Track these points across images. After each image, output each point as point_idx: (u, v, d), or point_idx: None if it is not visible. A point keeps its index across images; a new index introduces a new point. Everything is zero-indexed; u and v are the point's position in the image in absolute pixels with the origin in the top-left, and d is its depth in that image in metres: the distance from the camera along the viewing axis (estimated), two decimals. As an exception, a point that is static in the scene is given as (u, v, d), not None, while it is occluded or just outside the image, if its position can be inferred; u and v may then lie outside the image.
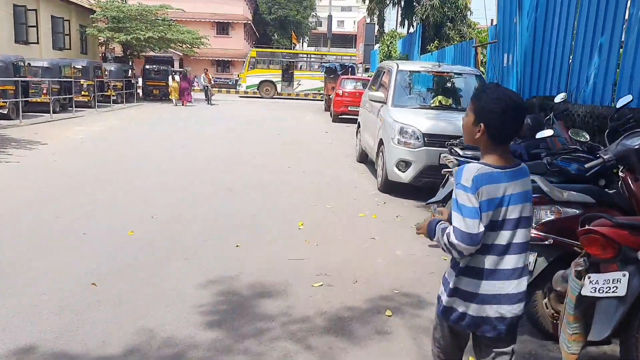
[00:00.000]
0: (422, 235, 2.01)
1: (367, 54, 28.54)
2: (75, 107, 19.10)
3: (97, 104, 20.59)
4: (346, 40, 59.74)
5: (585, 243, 2.40)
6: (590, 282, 2.36)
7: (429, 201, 4.94)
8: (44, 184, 6.65)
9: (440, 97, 7.31)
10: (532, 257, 2.91)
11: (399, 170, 6.53)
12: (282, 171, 8.07)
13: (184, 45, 28.19)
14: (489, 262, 1.84)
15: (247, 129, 14.10)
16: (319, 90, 28.83)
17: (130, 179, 7.14)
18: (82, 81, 20.11)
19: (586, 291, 2.36)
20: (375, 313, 3.37)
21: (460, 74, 7.77)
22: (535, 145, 4.31)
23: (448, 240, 1.79)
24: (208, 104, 23.07)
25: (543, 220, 3.07)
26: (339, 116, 17.76)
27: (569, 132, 4.10)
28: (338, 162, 9.29)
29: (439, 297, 2.00)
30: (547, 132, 4.02)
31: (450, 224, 1.82)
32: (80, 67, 20.56)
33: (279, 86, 30.61)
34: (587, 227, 2.43)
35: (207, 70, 26.00)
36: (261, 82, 30.21)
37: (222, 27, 45.10)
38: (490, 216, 1.79)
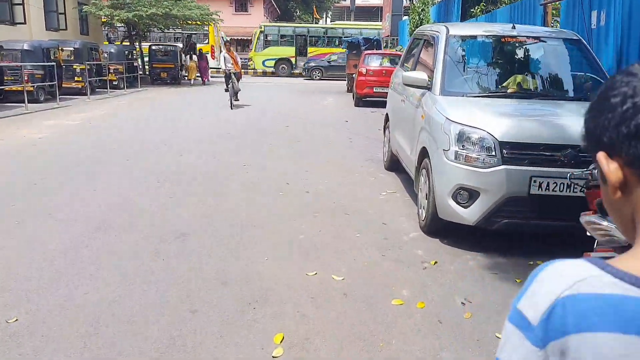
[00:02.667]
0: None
1: (394, 26, 25.45)
2: (68, 95, 17.02)
3: (93, 90, 18.42)
4: (371, 13, 56.07)
5: None
6: None
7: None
8: None
9: (518, 78, 4.58)
10: None
11: (459, 203, 3.91)
12: (277, 192, 5.54)
13: (192, 23, 25.67)
14: None
15: (248, 120, 11.54)
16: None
17: (54, 205, 4.74)
18: (74, 65, 17.94)
19: None
20: None
21: (549, 38, 4.99)
22: None
23: None
24: (230, 105, 13.04)
25: None
26: (363, 99, 15.03)
27: None
28: (359, 172, 6.66)
29: None
30: None
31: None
32: (71, 49, 18.35)
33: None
34: None
35: (229, 45, 16.25)
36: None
37: (241, 3, 42.60)
38: None
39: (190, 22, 25.58)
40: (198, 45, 27.53)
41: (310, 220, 4.64)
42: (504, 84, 4.62)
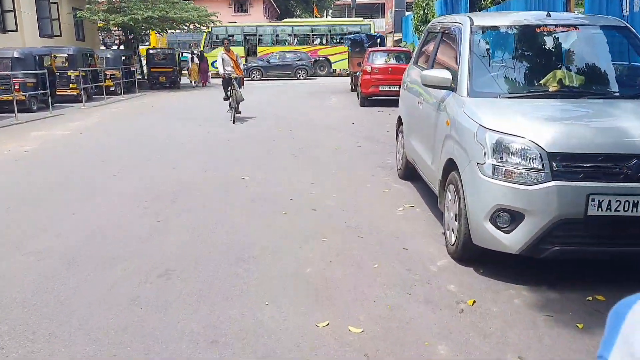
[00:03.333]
0: None
1: (397, 22, 24.74)
2: (63, 103, 16.44)
3: (89, 97, 17.84)
4: (373, 10, 55.29)
5: None
6: None
7: None
8: None
9: (559, 74, 3.88)
10: None
11: (499, 228, 3.23)
12: (279, 211, 4.87)
13: (190, 25, 25.05)
14: None
15: (248, 125, 10.88)
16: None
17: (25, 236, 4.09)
18: (69, 72, 17.35)
19: None
20: None
21: (590, 26, 4.28)
22: None
23: None
24: (232, 119, 10.80)
25: None
26: (368, 98, 14.35)
27: None
28: (371, 182, 5.98)
29: None
30: None
31: None
32: (65, 55, 17.76)
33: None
34: None
35: (227, 43, 12.49)
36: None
37: (240, 4, 42.11)
38: None
39: (188, 25, 24.96)
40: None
41: (318, 246, 3.96)
42: (542, 81, 3.92)
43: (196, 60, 24.97)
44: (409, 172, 5.85)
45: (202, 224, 4.45)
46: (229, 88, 11.31)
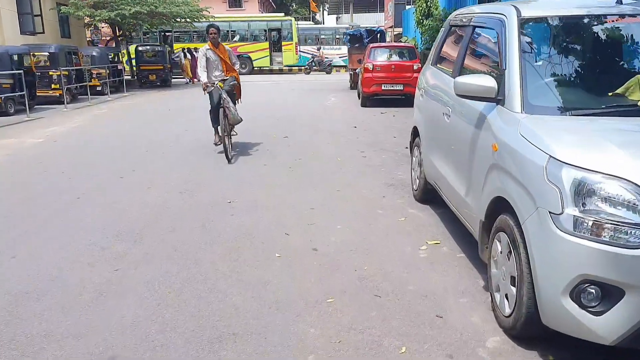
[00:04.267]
0: None
1: (397, 16, 23.70)
2: (45, 105, 15.39)
3: (73, 98, 16.82)
4: (370, 4, 54.11)
5: None
6: None
7: None
8: None
9: (643, 80, 2.89)
10: None
11: (584, 307, 2.25)
12: (271, 253, 3.86)
13: (181, 20, 23.94)
14: None
15: (237, 128, 9.88)
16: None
17: None
18: (50, 72, 16.27)
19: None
20: None
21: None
22: None
23: None
24: (226, 157, 6.89)
25: None
26: (370, 98, 13.36)
27: None
28: (382, 206, 4.97)
29: None
30: None
31: None
32: (46, 54, 16.67)
33: None
34: None
35: (215, 33, 7.09)
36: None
37: (234, -1, 40.88)
38: None
39: (179, 20, 23.86)
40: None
41: (322, 314, 2.96)
42: (619, 91, 2.93)
43: (188, 56, 24.45)
44: (428, 194, 4.87)
45: (168, 284, 3.41)
46: (218, 104, 6.97)
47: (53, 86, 16.29)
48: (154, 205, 5.12)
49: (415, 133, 5.24)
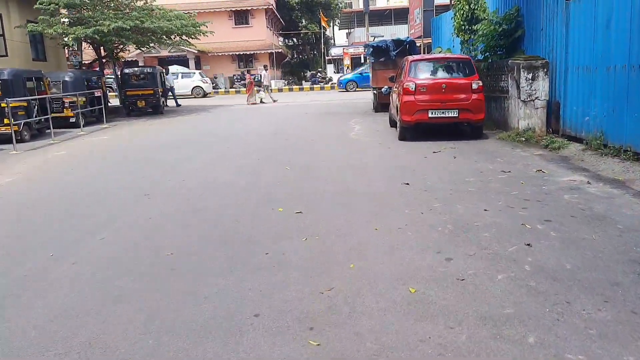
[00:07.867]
0: None
1: (427, 25, 20.21)
2: (-2, 144, 12.16)
3: (40, 132, 13.66)
4: (383, 17, 51.07)
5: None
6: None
7: None
8: None
9: None
10: None
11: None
12: None
13: (175, 37, 20.73)
14: None
15: (230, 185, 6.26)
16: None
17: None
18: (2, 103, 12.97)
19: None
20: None
21: None
22: None
23: None
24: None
25: None
26: (413, 128, 9.73)
27: None
28: None
29: None
30: None
31: None
32: (-1, 80, 13.40)
33: None
34: None
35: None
36: None
37: (241, 16, 38.20)
38: None
39: (172, 38, 20.66)
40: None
41: None
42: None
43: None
44: None
45: None
46: None
47: (5, 121, 13.01)
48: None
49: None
